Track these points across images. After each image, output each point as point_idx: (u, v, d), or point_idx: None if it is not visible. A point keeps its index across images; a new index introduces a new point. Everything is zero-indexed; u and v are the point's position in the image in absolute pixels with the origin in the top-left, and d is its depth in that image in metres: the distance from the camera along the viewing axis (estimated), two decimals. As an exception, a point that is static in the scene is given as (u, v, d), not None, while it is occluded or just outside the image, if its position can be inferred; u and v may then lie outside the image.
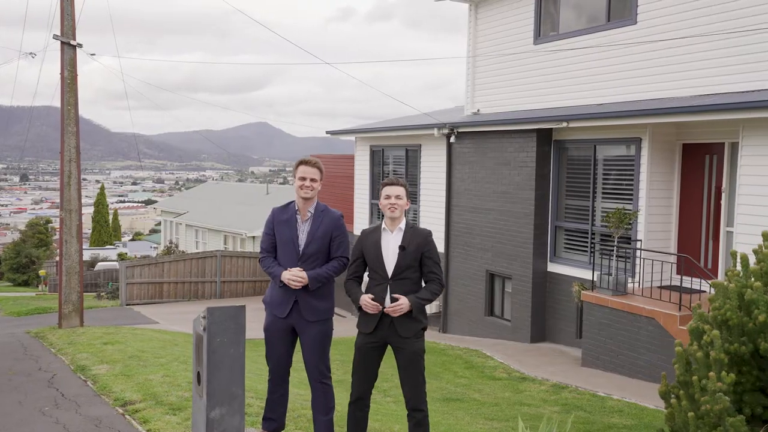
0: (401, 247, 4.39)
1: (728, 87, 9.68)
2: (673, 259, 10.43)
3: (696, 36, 10.11)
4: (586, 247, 11.66)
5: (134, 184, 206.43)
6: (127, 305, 20.11)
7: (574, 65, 12.27)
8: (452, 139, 13.95)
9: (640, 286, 10.18)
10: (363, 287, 4.53)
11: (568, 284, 11.53)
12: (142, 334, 11.36)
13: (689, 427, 3.54)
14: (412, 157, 15.93)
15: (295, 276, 4.43)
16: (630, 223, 10.31)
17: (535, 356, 11.22)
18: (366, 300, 4.32)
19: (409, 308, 4.32)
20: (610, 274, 10.07)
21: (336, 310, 7.70)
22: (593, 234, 11.49)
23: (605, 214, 10.74)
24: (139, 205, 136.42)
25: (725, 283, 3.89)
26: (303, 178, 4.56)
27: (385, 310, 4.33)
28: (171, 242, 30.01)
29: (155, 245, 50.61)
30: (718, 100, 9.16)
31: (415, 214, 15.79)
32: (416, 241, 4.43)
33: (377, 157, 17.30)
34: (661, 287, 10.02)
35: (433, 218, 14.77)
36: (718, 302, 3.83)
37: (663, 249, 10.43)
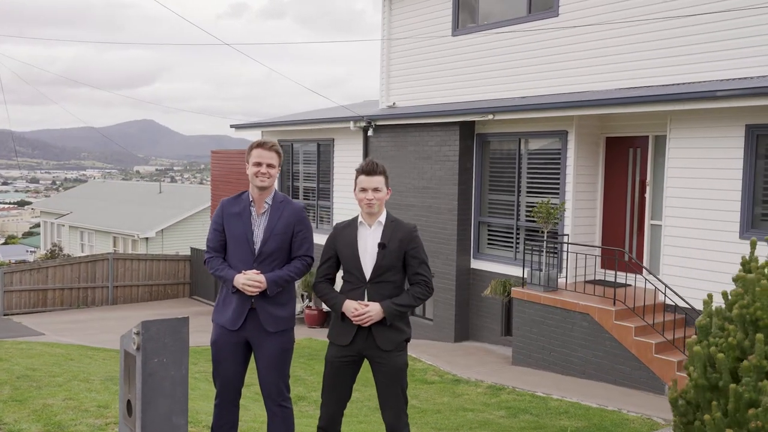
0: (381, 245, 3.76)
1: (653, 80, 9.69)
2: (598, 252, 10.38)
3: (620, 28, 10.08)
4: (511, 242, 11.43)
5: (5, 184, 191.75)
6: (5, 315, 18.14)
7: (494, 58, 12.03)
8: (370, 133, 13.39)
9: (569, 282, 10.02)
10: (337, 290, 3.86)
11: (493, 281, 11.26)
12: (29, 348, 10.03)
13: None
14: (324, 151, 15.24)
15: (251, 280, 3.70)
16: (558, 218, 10.14)
17: (462, 356, 10.86)
18: (354, 307, 3.67)
19: (382, 316, 3.70)
20: (540, 270, 9.85)
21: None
22: (518, 229, 11.28)
23: (531, 209, 10.54)
24: (11, 206, 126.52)
25: (754, 278, 3.51)
26: (258, 164, 3.81)
27: (351, 318, 3.69)
28: (55, 245, 27.62)
29: (33, 249, 46.80)
30: (645, 92, 9.12)
31: (329, 212, 15.13)
32: (398, 238, 3.82)
33: (286, 152, 16.46)
34: (594, 282, 9.92)
35: (348, 216, 14.13)
36: (747, 299, 3.44)
37: (589, 243, 10.34)
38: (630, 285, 9.52)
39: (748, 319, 3.33)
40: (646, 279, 9.09)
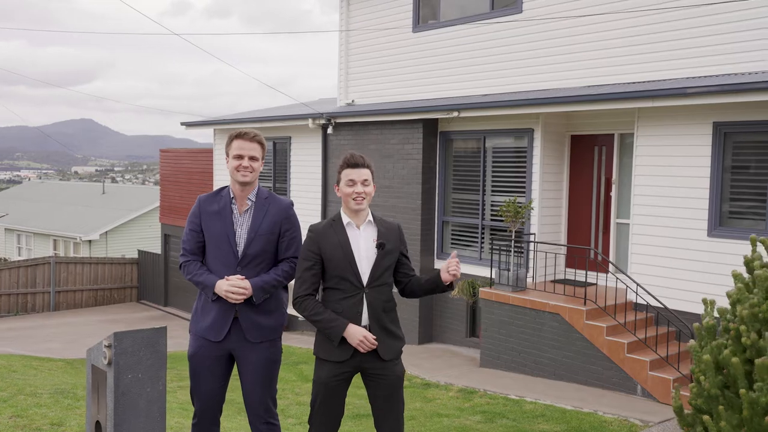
0: (380, 245, 3.43)
1: (620, 78, 9.65)
2: (563, 250, 10.29)
3: (585, 25, 10.00)
4: (476, 242, 11.26)
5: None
6: (-64, 324, 17.03)
7: (457, 55, 11.84)
8: (329, 131, 13.03)
9: (536, 282, 9.90)
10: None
11: (456, 281, 11.07)
12: (-34, 360, 9.33)
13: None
14: (280, 150, 14.80)
15: (235, 286, 3.32)
16: (525, 217, 10.00)
17: (428, 359, 10.62)
18: (366, 337, 3.32)
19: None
20: (508, 270, 9.68)
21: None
22: (483, 229, 11.11)
23: (498, 208, 10.38)
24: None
25: (761, 274, 3.33)
26: (239, 156, 3.43)
27: (449, 273, 3.37)
28: (-11, 249, 26.21)
29: (-35, 253, 44.51)
30: (613, 89, 9.05)
31: (286, 211, 14.68)
32: (393, 238, 3.52)
33: (240, 150, 15.92)
34: (564, 281, 9.81)
35: (307, 216, 13.72)
36: (756, 298, 3.26)
37: (555, 242, 10.24)
38: (597, 284, 9.46)
39: (761, 318, 3.15)
40: (617, 278, 9.02)
